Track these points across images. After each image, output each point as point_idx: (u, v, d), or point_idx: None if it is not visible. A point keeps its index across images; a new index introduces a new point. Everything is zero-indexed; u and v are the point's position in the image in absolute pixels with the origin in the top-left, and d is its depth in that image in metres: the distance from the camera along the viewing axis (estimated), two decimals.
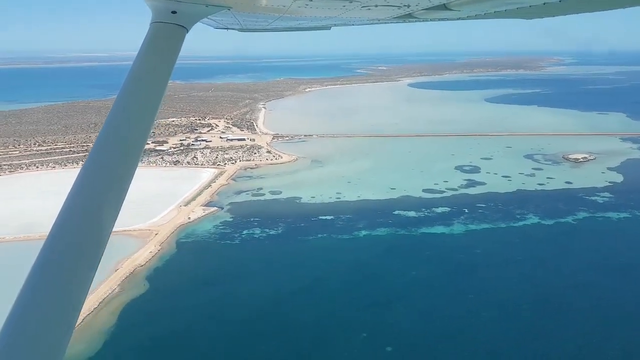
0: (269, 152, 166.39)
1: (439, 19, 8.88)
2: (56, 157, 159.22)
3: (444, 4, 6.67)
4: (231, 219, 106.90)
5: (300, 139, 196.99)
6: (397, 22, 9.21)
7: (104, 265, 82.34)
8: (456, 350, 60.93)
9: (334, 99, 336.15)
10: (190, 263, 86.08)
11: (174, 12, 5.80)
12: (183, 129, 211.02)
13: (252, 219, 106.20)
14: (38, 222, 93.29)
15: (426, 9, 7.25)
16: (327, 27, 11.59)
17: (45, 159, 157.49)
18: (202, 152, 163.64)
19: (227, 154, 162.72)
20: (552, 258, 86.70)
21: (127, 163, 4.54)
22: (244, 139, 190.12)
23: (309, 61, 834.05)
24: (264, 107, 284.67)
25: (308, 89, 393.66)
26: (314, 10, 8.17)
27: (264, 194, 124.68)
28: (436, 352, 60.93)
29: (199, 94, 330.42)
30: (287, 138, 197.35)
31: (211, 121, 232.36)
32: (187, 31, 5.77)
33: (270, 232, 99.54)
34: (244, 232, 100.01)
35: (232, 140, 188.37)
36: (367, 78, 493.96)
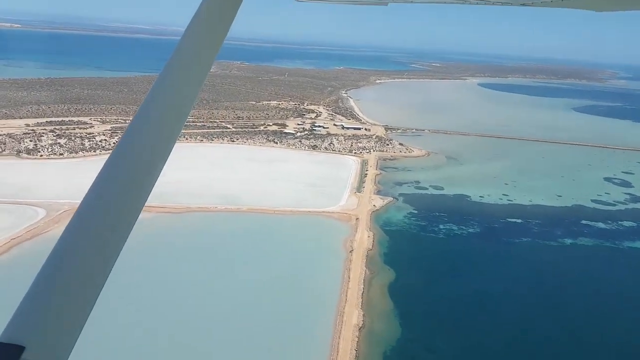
0: (401, 144, 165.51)
1: (502, 3, 8.48)
2: (195, 131, 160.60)
3: None
4: (416, 211, 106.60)
5: (413, 132, 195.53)
6: (459, 3, 9.21)
7: (336, 242, 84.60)
8: None
9: (414, 92, 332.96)
10: (416, 251, 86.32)
11: None
12: (291, 113, 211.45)
13: (437, 214, 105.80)
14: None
15: None
16: (385, 3, 11.04)
17: (183, 131, 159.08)
18: (337, 139, 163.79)
19: (359, 142, 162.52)
20: None
21: (167, 136, 4.38)
22: (359, 128, 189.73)
23: (355, 51, 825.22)
24: (349, 97, 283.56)
25: (378, 81, 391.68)
26: None
27: (426, 188, 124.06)
28: None
29: (280, 78, 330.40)
30: (400, 131, 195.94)
31: (311, 107, 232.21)
32: (241, 1, 5.61)
33: (469, 230, 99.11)
34: (441, 226, 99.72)
35: (348, 128, 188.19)
36: (430, 74, 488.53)
